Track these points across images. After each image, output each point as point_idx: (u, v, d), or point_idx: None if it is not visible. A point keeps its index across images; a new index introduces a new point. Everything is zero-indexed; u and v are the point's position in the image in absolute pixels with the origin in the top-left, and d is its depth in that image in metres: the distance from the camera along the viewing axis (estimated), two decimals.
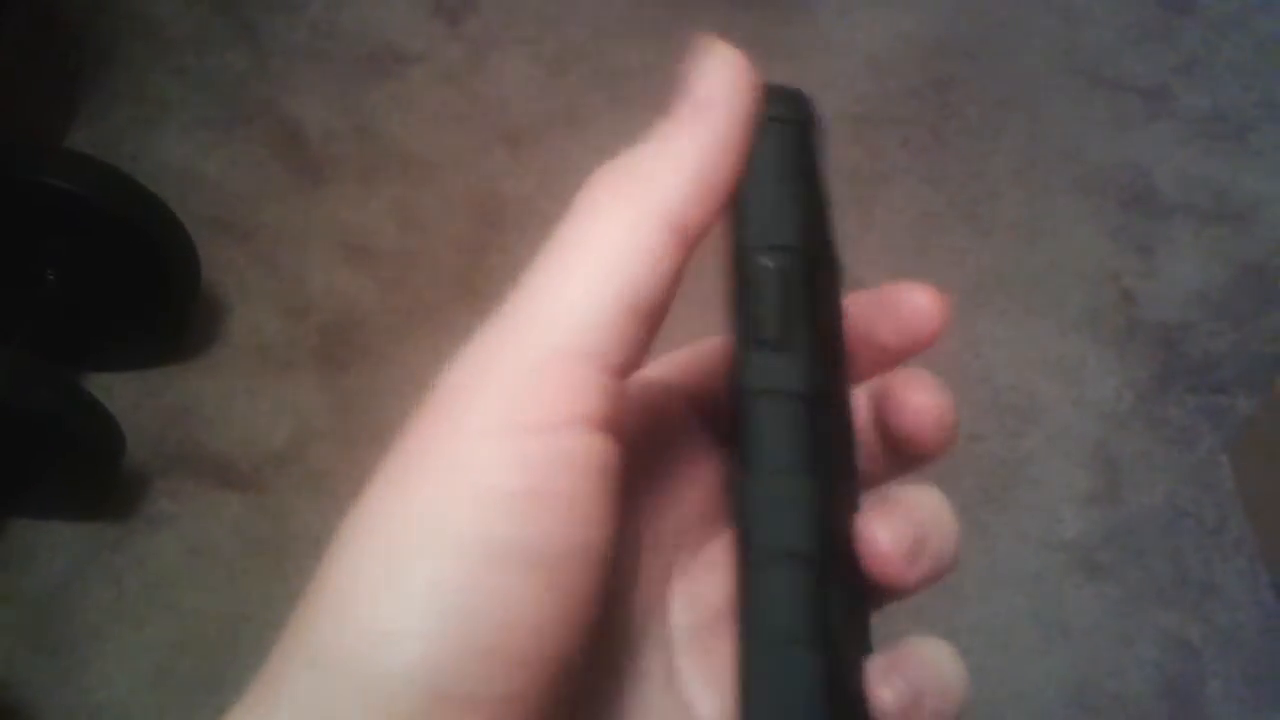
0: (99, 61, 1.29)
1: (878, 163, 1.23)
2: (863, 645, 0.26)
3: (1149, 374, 1.10)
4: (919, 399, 0.27)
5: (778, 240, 0.25)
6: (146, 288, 1.05)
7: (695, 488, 0.29)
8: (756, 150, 0.25)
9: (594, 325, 0.23)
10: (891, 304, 0.28)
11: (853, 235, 1.16)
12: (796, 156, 0.26)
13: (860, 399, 0.29)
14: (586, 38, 1.32)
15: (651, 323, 0.24)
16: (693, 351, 0.32)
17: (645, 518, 0.28)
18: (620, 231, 0.23)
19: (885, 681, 0.25)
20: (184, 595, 1.00)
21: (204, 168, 1.23)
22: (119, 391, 1.06)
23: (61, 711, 0.95)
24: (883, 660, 0.25)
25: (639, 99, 1.26)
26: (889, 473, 0.29)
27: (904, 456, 0.29)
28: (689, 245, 0.24)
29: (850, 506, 0.26)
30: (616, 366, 0.23)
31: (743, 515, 0.24)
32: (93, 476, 1.00)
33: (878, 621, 0.27)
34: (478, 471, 0.22)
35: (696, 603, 0.29)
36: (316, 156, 1.24)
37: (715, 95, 0.25)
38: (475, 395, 0.23)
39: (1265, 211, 1.19)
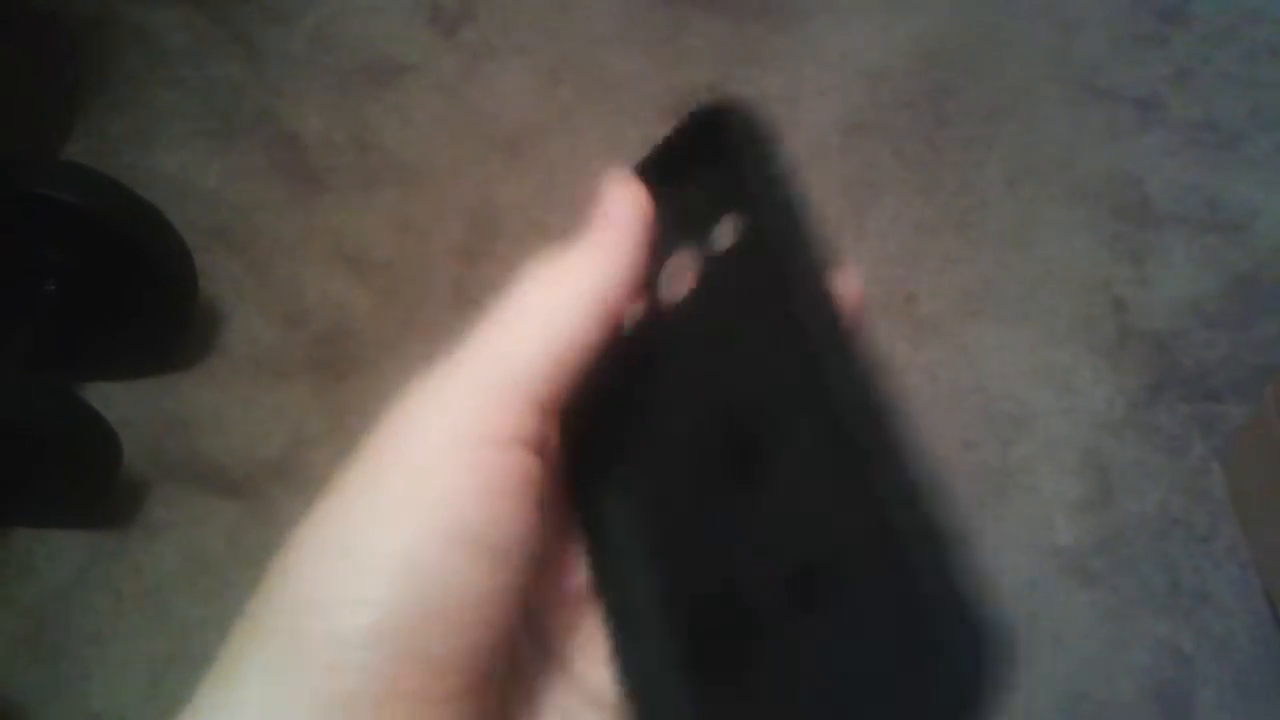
0: (96, 73, 1.30)
1: (871, 172, 1.23)
2: None
3: (1141, 382, 1.10)
4: None
5: None
6: (144, 298, 1.06)
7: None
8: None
9: (533, 370, 0.28)
10: None
11: (845, 244, 1.17)
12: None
13: None
14: (582, 48, 1.33)
15: (575, 375, 0.28)
16: None
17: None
18: (557, 301, 0.29)
19: None
20: (181, 603, 1.00)
21: (201, 178, 1.24)
22: (116, 401, 1.07)
23: (59, 719, 0.96)
24: None
25: (634, 109, 1.27)
26: None
27: None
28: (610, 318, 0.29)
29: None
30: (547, 404, 0.28)
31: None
32: (90, 485, 1.01)
33: None
34: (441, 471, 0.26)
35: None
36: (313, 166, 1.24)
37: (619, 217, 0.30)
38: (439, 409, 0.28)
39: (1257, 221, 1.20)
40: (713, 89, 1.29)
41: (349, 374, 1.10)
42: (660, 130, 0.31)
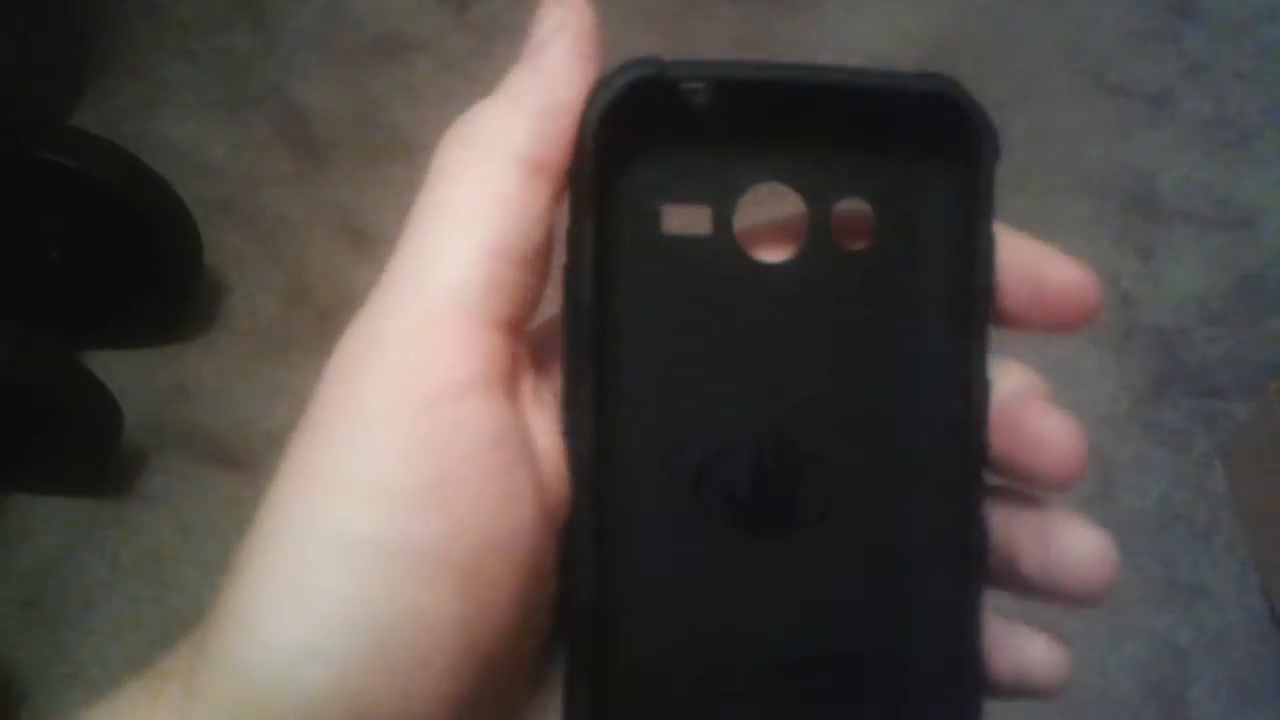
0: (105, 41, 1.30)
1: None
2: None
3: (1146, 377, 1.10)
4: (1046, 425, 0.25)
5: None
6: (148, 267, 1.06)
7: None
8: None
9: (466, 278, 0.22)
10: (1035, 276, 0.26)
11: None
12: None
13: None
14: None
15: (533, 269, 0.23)
16: None
17: None
18: (475, 181, 0.22)
19: None
20: (177, 573, 1.00)
21: (207, 150, 1.23)
22: (118, 369, 1.07)
23: (53, 685, 0.96)
24: None
25: None
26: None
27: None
28: (551, 181, 0.23)
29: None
30: (503, 320, 0.22)
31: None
32: (90, 453, 1.00)
33: None
34: (374, 465, 0.21)
35: None
36: (320, 141, 1.24)
37: (548, 34, 0.24)
38: (361, 376, 0.22)
39: (1266, 220, 1.19)
40: None
41: None
42: None
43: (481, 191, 0.22)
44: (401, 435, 0.21)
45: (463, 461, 0.21)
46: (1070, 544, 0.25)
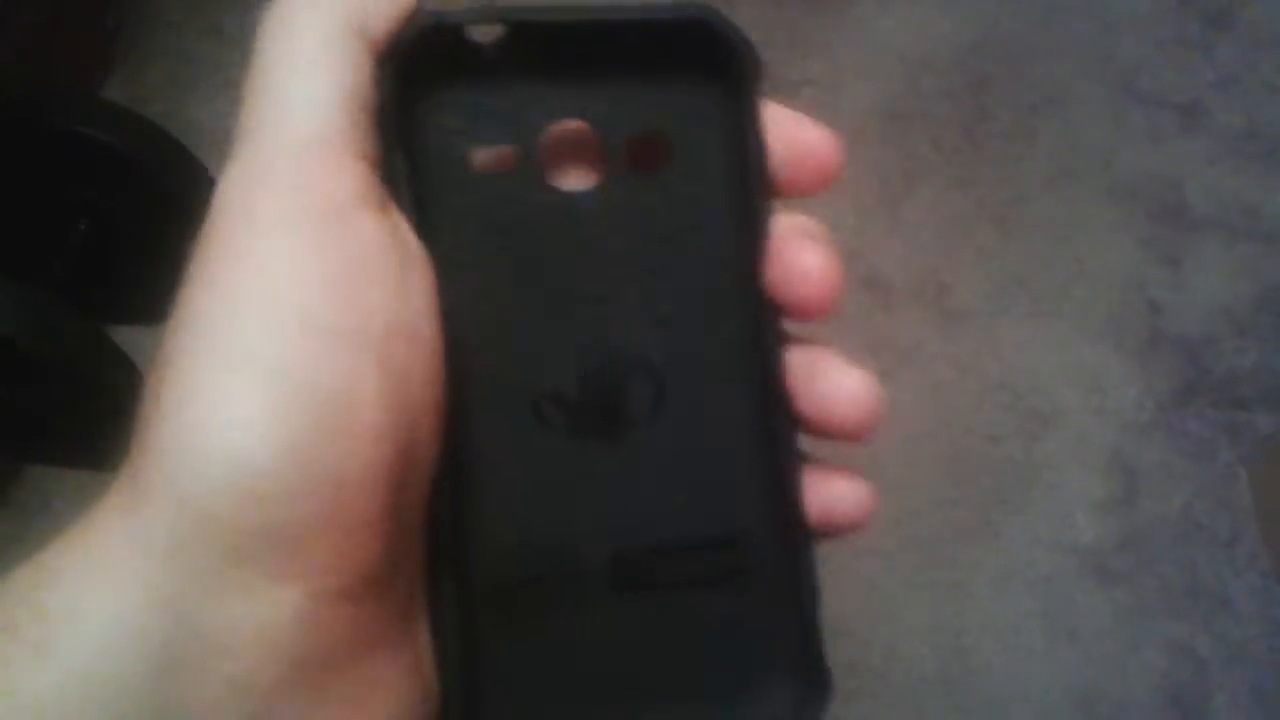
0: (136, 19, 1.29)
1: (908, 161, 1.22)
2: None
3: (1171, 386, 1.10)
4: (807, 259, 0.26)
5: None
6: (176, 244, 1.05)
7: None
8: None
9: (335, 114, 0.23)
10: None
11: (880, 233, 1.16)
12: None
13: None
14: None
15: (371, 119, 0.24)
16: None
17: None
18: (318, 33, 0.24)
19: None
20: None
21: (234, 130, 1.23)
22: (141, 347, 1.06)
23: None
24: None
25: None
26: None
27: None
28: (374, 50, 0.25)
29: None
30: (364, 155, 0.24)
31: None
32: (114, 428, 1.00)
33: None
34: (289, 259, 0.22)
35: None
36: None
37: None
38: (255, 197, 0.23)
39: None
40: None
41: None
42: None
43: (328, 42, 0.24)
44: (304, 239, 0.22)
45: (363, 259, 0.23)
46: (835, 382, 0.26)
